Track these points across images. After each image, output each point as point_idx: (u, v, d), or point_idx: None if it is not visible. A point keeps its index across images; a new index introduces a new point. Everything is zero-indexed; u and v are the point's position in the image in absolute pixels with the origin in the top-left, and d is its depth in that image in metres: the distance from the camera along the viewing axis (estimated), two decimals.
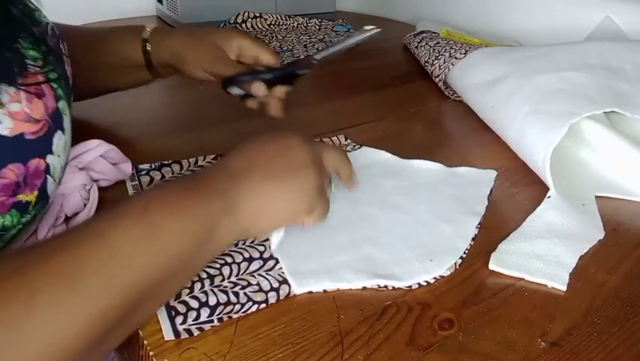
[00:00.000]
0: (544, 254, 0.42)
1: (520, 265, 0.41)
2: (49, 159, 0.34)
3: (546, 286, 0.39)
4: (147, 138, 0.58)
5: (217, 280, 0.38)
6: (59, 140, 0.35)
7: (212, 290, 0.37)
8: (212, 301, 0.36)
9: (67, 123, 0.37)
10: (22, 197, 0.33)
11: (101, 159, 0.45)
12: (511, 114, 0.57)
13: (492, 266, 0.41)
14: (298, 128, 0.61)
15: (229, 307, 0.36)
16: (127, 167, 0.48)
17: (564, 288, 0.39)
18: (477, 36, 0.93)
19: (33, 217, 0.35)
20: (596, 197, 0.51)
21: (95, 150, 0.44)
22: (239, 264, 0.40)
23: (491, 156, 0.59)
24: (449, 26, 0.99)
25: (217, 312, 0.35)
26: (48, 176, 0.34)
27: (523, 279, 0.40)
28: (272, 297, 0.37)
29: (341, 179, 0.44)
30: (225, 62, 0.53)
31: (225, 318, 0.35)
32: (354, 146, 0.59)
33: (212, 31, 0.55)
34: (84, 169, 0.44)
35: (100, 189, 0.45)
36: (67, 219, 0.42)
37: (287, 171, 0.36)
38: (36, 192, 0.34)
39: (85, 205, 0.43)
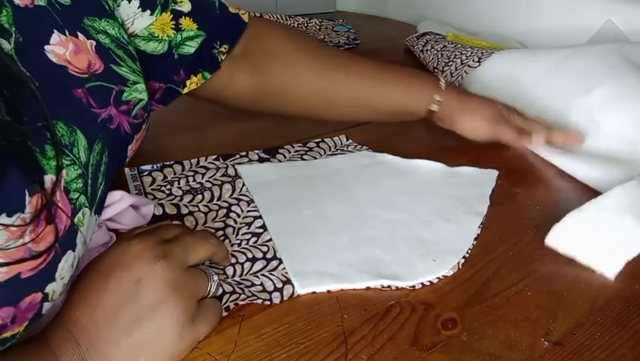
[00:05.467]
0: (609, 233, 0.41)
1: (576, 244, 0.41)
2: (49, 287, 0.28)
3: (548, 285, 0.39)
4: (148, 139, 0.58)
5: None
6: (67, 261, 0.29)
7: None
8: (218, 291, 0.36)
9: (82, 235, 0.31)
10: (7, 334, 0.27)
11: (124, 209, 0.40)
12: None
13: (548, 241, 0.41)
14: (299, 129, 0.62)
15: (235, 296, 0.36)
16: (148, 209, 0.42)
17: (612, 277, 0.40)
18: (478, 37, 0.93)
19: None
20: None
21: (117, 204, 0.38)
22: (242, 264, 0.40)
23: (492, 155, 0.59)
24: (450, 26, 0.99)
25: (223, 301, 0.35)
26: (45, 303, 0.28)
27: (525, 279, 0.40)
28: (275, 297, 0.37)
29: (217, 264, 0.39)
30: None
31: (232, 306, 0.35)
32: (355, 146, 0.59)
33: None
34: (102, 224, 0.38)
35: None
36: None
37: (140, 320, 0.29)
38: (26, 323, 0.28)
39: None
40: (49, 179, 0.28)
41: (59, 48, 0.32)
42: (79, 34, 0.34)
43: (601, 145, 0.55)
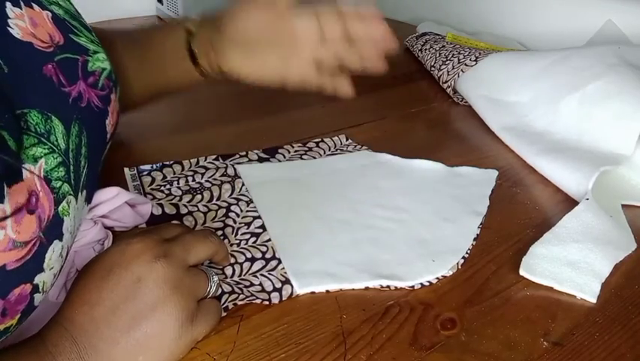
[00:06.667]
0: (578, 261, 0.41)
1: (551, 273, 0.40)
2: (38, 278, 0.27)
3: (549, 285, 0.39)
4: (148, 138, 0.58)
5: None
6: (55, 250, 0.28)
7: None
8: (218, 291, 0.36)
9: (68, 223, 0.30)
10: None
11: (121, 206, 0.40)
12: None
13: (522, 272, 0.40)
14: (299, 129, 0.62)
15: (234, 296, 0.36)
16: (146, 208, 0.42)
17: (594, 300, 0.38)
18: (478, 37, 0.93)
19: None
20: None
21: (112, 200, 0.38)
22: (241, 264, 0.40)
23: (492, 155, 0.59)
24: (450, 27, 0.99)
25: (222, 301, 0.35)
26: (36, 295, 0.28)
27: (524, 279, 0.40)
28: (275, 297, 0.37)
29: (217, 263, 0.39)
30: None
31: (231, 306, 0.35)
32: (355, 146, 0.59)
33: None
34: (98, 220, 0.38)
35: None
36: None
37: (139, 319, 0.29)
38: (18, 316, 0.27)
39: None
40: (27, 168, 0.27)
41: (19, 21, 0.30)
42: (33, 4, 0.32)
43: (586, 139, 0.55)
